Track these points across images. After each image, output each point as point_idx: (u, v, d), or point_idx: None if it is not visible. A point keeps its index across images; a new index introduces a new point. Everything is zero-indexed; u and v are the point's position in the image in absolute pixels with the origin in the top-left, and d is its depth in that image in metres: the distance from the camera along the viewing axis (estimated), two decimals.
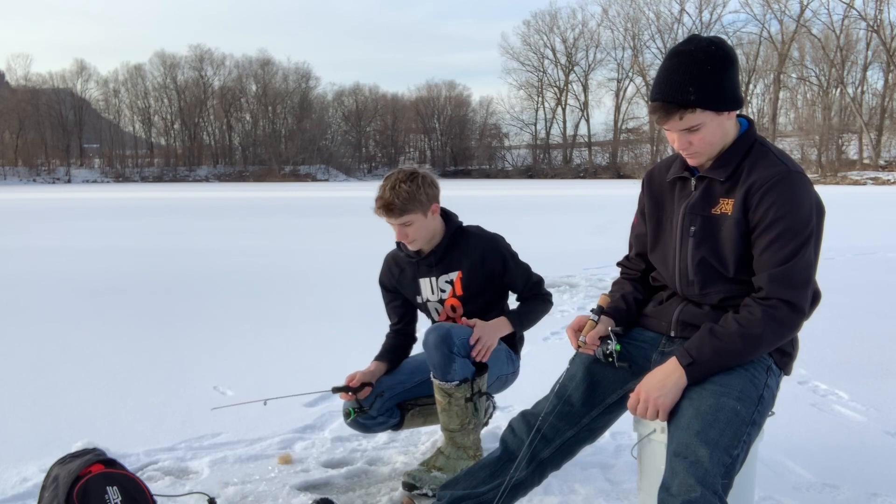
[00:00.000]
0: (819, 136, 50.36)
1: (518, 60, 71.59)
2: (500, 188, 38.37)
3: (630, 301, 2.10)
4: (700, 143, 1.85)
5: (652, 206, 2.07)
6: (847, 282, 6.98)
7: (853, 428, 3.13)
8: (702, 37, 1.86)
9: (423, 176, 2.59)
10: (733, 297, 1.88)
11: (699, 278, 1.92)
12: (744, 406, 1.74)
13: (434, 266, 2.65)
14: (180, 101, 73.57)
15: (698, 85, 1.77)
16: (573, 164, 68.06)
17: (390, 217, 2.55)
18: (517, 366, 2.75)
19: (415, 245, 2.63)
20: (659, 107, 1.82)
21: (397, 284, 2.76)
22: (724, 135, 1.88)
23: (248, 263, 8.95)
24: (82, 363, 4.30)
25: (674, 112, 1.80)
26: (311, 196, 31.31)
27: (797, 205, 1.79)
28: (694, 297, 1.95)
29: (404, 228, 2.57)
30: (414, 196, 2.52)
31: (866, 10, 52.01)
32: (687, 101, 1.78)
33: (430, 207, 2.58)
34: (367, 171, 74.82)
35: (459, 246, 2.64)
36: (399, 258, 2.75)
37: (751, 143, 1.90)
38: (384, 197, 2.53)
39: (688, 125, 1.81)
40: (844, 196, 25.07)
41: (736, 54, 1.87)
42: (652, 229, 2.07)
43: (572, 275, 7.39)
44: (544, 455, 1.99)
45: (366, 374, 2.66)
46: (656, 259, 2.07)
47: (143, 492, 2.14)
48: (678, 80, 1.78)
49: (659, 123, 1.86)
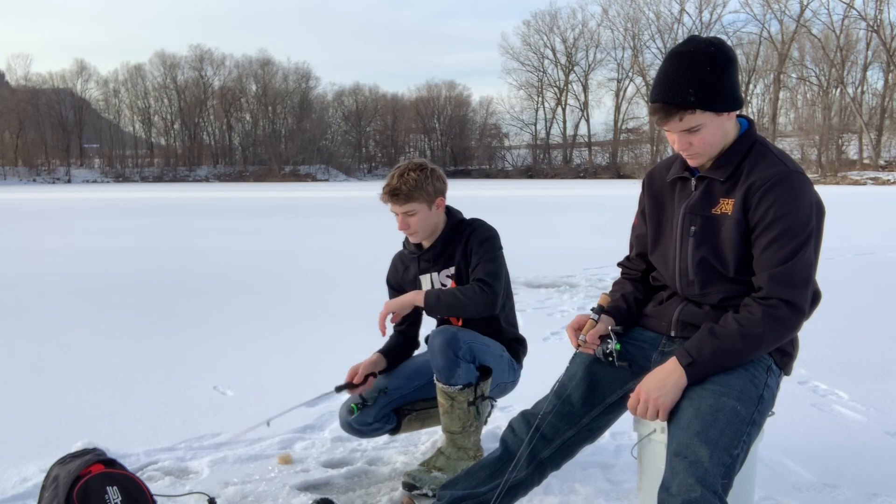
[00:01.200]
0: (819, 136, 50.35)
1: (518, 60, 71.65)
2: (500, 188, 38.36)
3: (630, 301, 2.10)
4: (700, 144, 1.85)
5: (652, 207, 2.07)
6: (847, 282, 6.98)
7: (853, 428, 3.13)
8: (701, 38, 1.86)
9: (433, 169, 2.61)
10: (733, 296, 1.88)
11: (699, 278, 1.92)
12: (744, 406, 1.74)
13: (434, 262, 2.65)
14: (180, 101, 73.57)
15: (698, 86, 1.77)
16: (573, 164, 68.04)
17: (395, 203, 2.55)
18: (518, 375, 2.72)
19: (416, 237, 2.63)
20: (659, 108, 1.82)
21: (402, 282, 2.76)
22: (724, 135, 1.88)
23: (248, 263, 8.95)
24: (82, 363, 4.30)
25: (674, 113, 1.80)
26: (311, 196, 31.31)
27: (797, 205, 1.79)
28: (694, 296, 1.95)
29: (407, 218, 2.57)
30: (421, 185, 2.53)
31: (866, 10, 52.06)
32: (687, 103, 1.78)
33: (436, 201, 2.59)
34: (367, 171, 74.82)
35: (456, 239, 2.63)
36: (404, 256, 2.75)
37: (751, 143, 1.90)
38: (391, 183, 2.55)
39: (688, 126, 1.81)
40: (844, 196, 25.07)
41: (735, 55, 1.87)
42: (652, 229, 2.07)
43: (572, 275, 7.39)
44: (544, 455, 1.99)
45: (368, 365, 2.65)
46: (657, 259, 2.07)
47: (143, 492, 2.14)
48: (678, 81, 1.79)
49: (659, 125, 1.86)
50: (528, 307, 5.85)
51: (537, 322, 5.26)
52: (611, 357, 1.97)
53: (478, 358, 2.49)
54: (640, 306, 2.11)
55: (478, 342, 2.52)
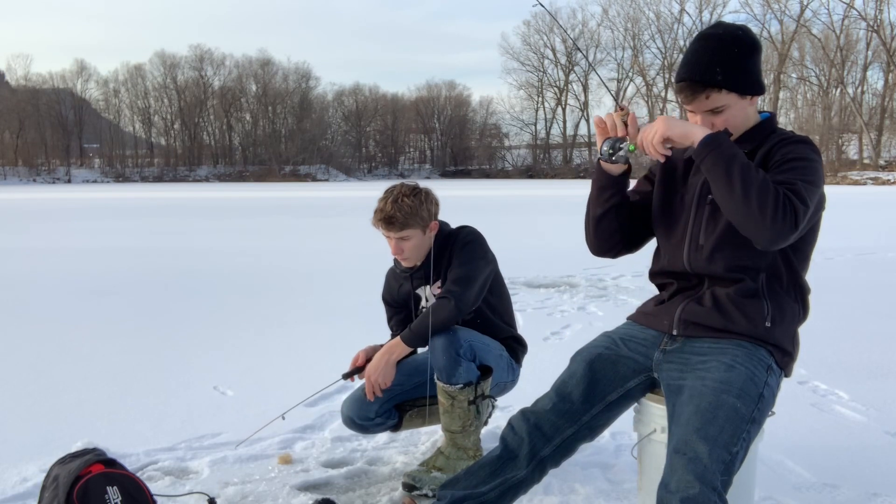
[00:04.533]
0: (819, 136, 50.23)
1: (518, 60, 71.72)
2: (500, 188, 38.37)
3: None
4: (723, 126, 1.87)
5: (663, 172, 2.07)
6: (847, 282, 6.97)
7: (853, 428, 3.12)
8: (729, 22, 1.91)
9: (427, 193, 2.59)
10: (737, 267, 1.88)
11: (710, 242, 1.91)
12: (744, 403, 1.74)
13: (426, 278, 2.65)
14: (180, 101, 73.59)
15: (725, 67, 1.81)
16: (573, 164, 68.04)
17: (389, 230, 2.53)
18: (517, 374, 2.73)
19: (408, 262, 2.63)
20: (686, 86, 1.85)
21: (398, 298, 2.76)
22: (746, 119, 1.91)
23: (249, 263, 8.95)
24: (82, 363, 4.30)
25: (700, 91, 1.83)
26: (311, 196, 31.31)
27: (812, 151, 1.84)
28: (700, 264, 1.93)
29: (401, 243, 2.55)
30: (416, 211, 2.51)
31: (866, 10, 52.08)
32: (714, 81, 1.82)
33: (430, 225, 2.57)
34: (367, 171, 74.84)
35: (444, 252, 2.61)
36: (397, 274, 2.76)
37: (772, 128, 1.94)
38: (385, 209, 2.51)
39: (713, 105, 1.84)
40: (844, 196, 25.06)
41: (761, 43, 1.92)
42: (658, 196, 2.07)
43: (572, 275, 7.38)
44: (545, 453, 1.99)
45: (369, 350, 2.66)
46: (660, 227, 2.06)
47: (143, 492, 2.14)
48: (706, 60, 1.83)
49: (685, 103, 1.88)
50: (528, 307, 5.85)
51: (537, 322, 5.26)
52: (619, 152, 1.94)
53: (478, 356, 2.50)
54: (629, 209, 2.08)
55: (478, 341, 2.52)
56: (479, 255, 2.56)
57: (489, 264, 2.59)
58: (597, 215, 2.08)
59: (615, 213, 2.06)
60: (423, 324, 2.48)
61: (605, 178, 2.05)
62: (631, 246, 2.13)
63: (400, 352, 2.52)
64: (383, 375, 2.50)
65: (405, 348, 2.51)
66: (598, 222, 2.08)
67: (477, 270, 2.53)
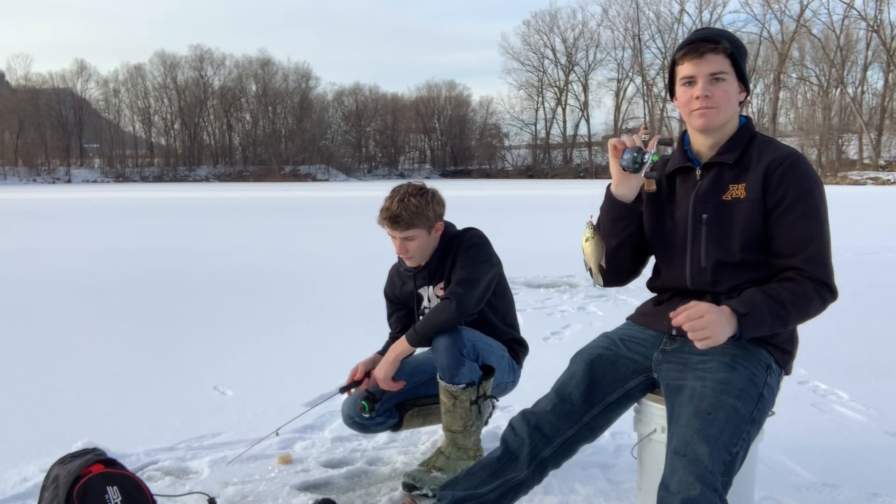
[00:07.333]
0: (819, 136, 50.35)
1: (518, 60, 71.59)
2: (500, 188, 38.36)
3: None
4: (721, 96, 1.89)
5: (650, 198, 2.05)
6: (847, 282, 6.94)
7: (853, 428, 3.13)
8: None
9: (433, 193, 2.59)
10: (741, 284, 1.89)
11: (713, 266, 1.92)
12: (744, 404, 1.75)
13: (430, 278, 2.65)
14: (180, 101, 73.55)
15: (731, 41, 1.91)
16: (573, 164, 68.02)
17: (395, 229, 2.53)
18: (518, 375, 2.74)
19: (412, 262, 2.62)
20: (692, 48, 1.90)
21: (400, 295, 2.76)
22: (735, 109, 1.95)
23: (249, 263, 8.95)
24: (82, 363, 4.30)
25: (707, 51, 1.88)
26: (311, 196, 31.31)
27: (816, 184, 1.87)
28: (704, 285, 1.94)
29: (406, 243, 2.55)
30: (422, 211, 2.51)
31: (866, 10, 52.03)
32: (724, 46, 1.89)
33: (435, 226, 2.57)
34: (367, 171, 74.80)
35: (448, 254, 2.62)
36: (401, 273, 2.76)
37: (752, 133, 1.98)
38: (391, 209, 2.51)
39: (716, 69, 1.88)
40: (844, 196, 25.05)
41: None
42: (649, 216, 2.06)
43: (572, 275, 7.39)
44: (545, 454, 1.99)
45: (368, 363, 2.66)
46: (657, 248, 2.06)
47: (143, 492, 2.14)
48: (714, 32, 1.94)
49: (689, 59, 1.90)
50: (528, 307, 5.85)
51: (537, 322, 5.26)
52: (642, 164, 1.89)
53: (481, 356, 2.50)
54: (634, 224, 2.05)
55: (481, 341, 2.53)
56: (484, 258, 2.56)
57: (493, 267, 2.59)
58: (612, 247, 2.03)
59: (629, 241, 2.04)
60: (426, 324, 2.49)
61: (619, 209, 2.01)
62: (639, 269, 2.14)
63: (402, 351, 2.53)
64: (384, 371, 2.53)
65: (408, 348, 2.53)
66: (616, 253, 2.04)
67: (480, 273, 2.53)
